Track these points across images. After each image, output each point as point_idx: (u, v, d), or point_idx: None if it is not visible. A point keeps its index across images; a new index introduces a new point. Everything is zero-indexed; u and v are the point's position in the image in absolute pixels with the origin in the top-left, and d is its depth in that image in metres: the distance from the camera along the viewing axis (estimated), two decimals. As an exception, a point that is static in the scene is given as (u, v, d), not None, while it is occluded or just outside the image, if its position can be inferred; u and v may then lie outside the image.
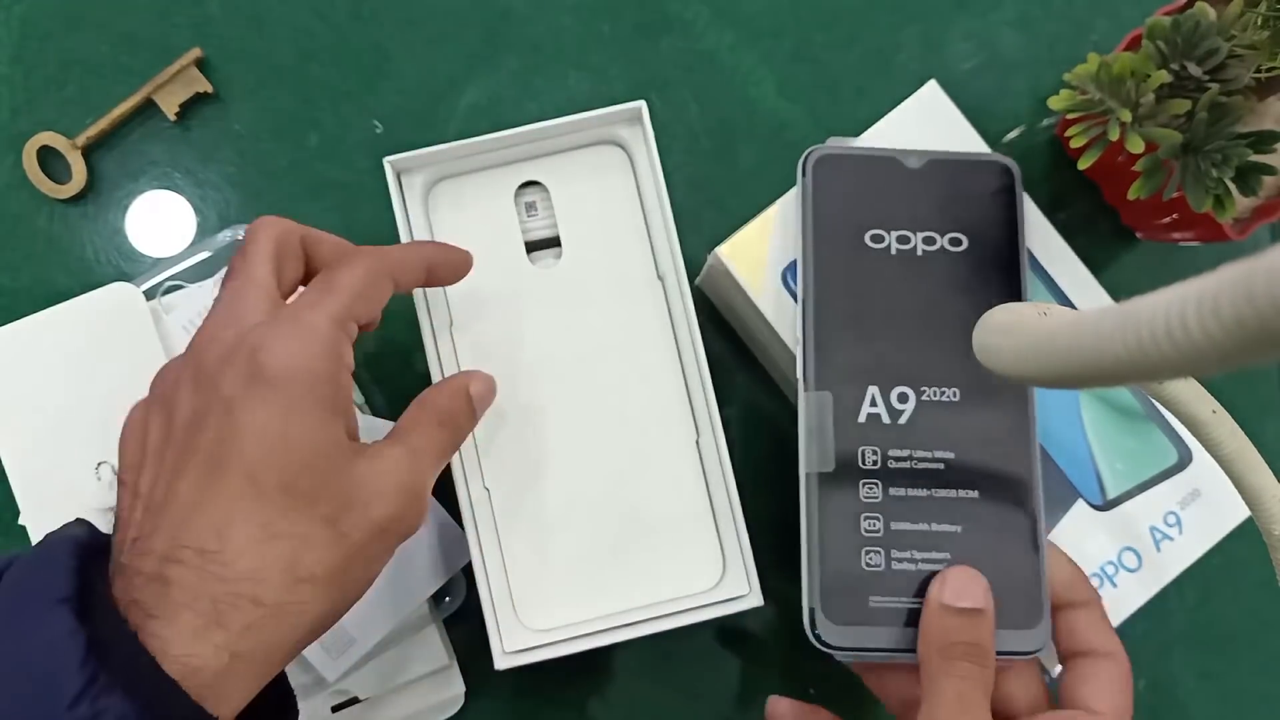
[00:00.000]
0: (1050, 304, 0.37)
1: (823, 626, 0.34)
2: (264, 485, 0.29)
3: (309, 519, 0.29)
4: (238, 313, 0.31)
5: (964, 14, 0.46)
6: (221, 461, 0.29)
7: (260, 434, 0.29)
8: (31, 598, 0.27)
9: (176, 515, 0.28)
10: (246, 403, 0.29)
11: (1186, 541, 0.40)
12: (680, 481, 0.38)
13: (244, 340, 0.30)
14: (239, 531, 0.28)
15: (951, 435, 0.36)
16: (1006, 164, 0.39)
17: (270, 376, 0.29)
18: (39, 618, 0.26)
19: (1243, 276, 0.17)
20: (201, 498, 0.29)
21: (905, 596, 0.35)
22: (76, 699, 0.25)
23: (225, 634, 0.27)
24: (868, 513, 0.36)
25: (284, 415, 0.29)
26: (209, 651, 0.27)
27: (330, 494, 0.30)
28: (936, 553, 0.35)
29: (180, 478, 0.29)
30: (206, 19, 0.45)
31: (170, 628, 0.27)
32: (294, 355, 0.30)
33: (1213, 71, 0.36)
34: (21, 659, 0.26)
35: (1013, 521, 0.36)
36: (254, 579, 0.28)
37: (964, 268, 0.38)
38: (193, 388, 0.30)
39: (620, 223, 0.39)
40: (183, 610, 0.27)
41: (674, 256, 0.38)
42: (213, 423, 0.29)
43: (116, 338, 0.41)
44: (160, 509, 0.29)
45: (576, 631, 0.36)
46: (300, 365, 0.30)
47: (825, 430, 0.36)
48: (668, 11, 0.46)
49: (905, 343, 0.37)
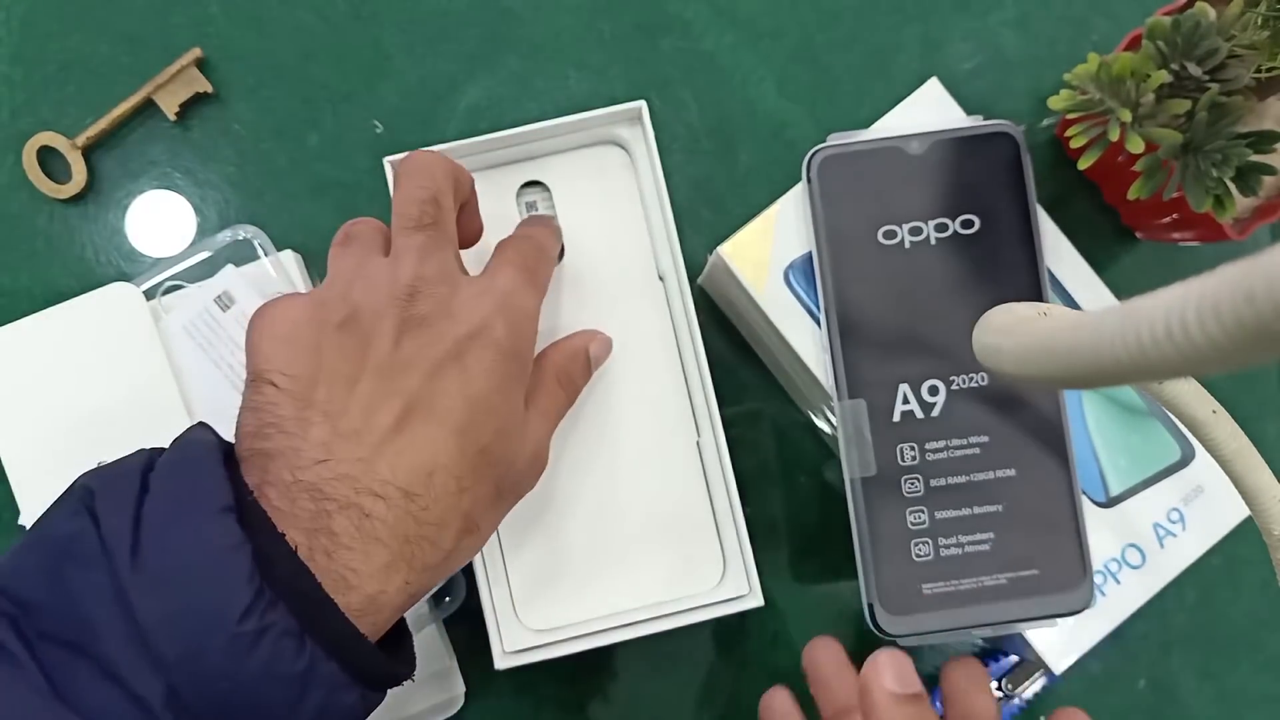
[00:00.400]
0: (1050, 304, 0.37)
1: (882, 618, 0.37)
2: (467, 444, 0.30)
3: (488, 479, 0.31)
4: (447, 269, 0.32)
5: (964, 14, 0.46)
6: (434, 411, 0.30)
7: (476, 397, 0.31)
8: (192, 505, 0.27)
9: (382, 449, 0.29)
10: (470, 365, 0.31)
11: (1190, 538, 0.40)
12: (680, 481, 0.38)
13: (470, 303, 0.32)
14: (440, 481, 0.29)
15: (984, 419, 0.38)
16: (1008, 131, 0.39)
17: (503, 349, 0.31)
18: (203, 527, 0.26)
19: (1242, 277, 0.17)
20: (409, 440, 0.29)
21: (954, 580, 0.37)
22: (245, 613, 0.25)
23: (411, 572, 0.29)
24: (912, 507, 0.37)
25: (502, 385, 0.31)
26: (395, 587, 0.28)
27: (505, 459, 0.32)
28: (980, 534, 0.37)
29: (380, 412, 0.29)
30: (207, 19, 0.45)
31: (366, 562, 0.28)
32: (519, 335, 0.32)
33: (1213, 71, 0.36)
34: (189, 568, 0.26)
35: (1050, 490, 0.37)
36: (440, 525, 0.29)
37: (979, 249, 0.38)
38: (400, 327, 0.30)
39: (621, 223, 0.39)
40: (379, 546, 0.28)
41: (674, 256, 0.38)
42: (428, 371, 0.30)
43: (116, 338, 0.41)
44: (355, 436, 0.29)
45: (576, 631, 0.36)
46: (521, 345, 0.32)
47: (863, 436, 0.37)
48: (668, 11, 0.46)
49: (930, 336, 0.38)
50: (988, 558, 0.37)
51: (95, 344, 0.41)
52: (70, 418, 0.40)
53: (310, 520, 0.27)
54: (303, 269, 0.43)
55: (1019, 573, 0.37)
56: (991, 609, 0.37)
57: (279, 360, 0.30)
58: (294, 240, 0.43)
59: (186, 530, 0.26)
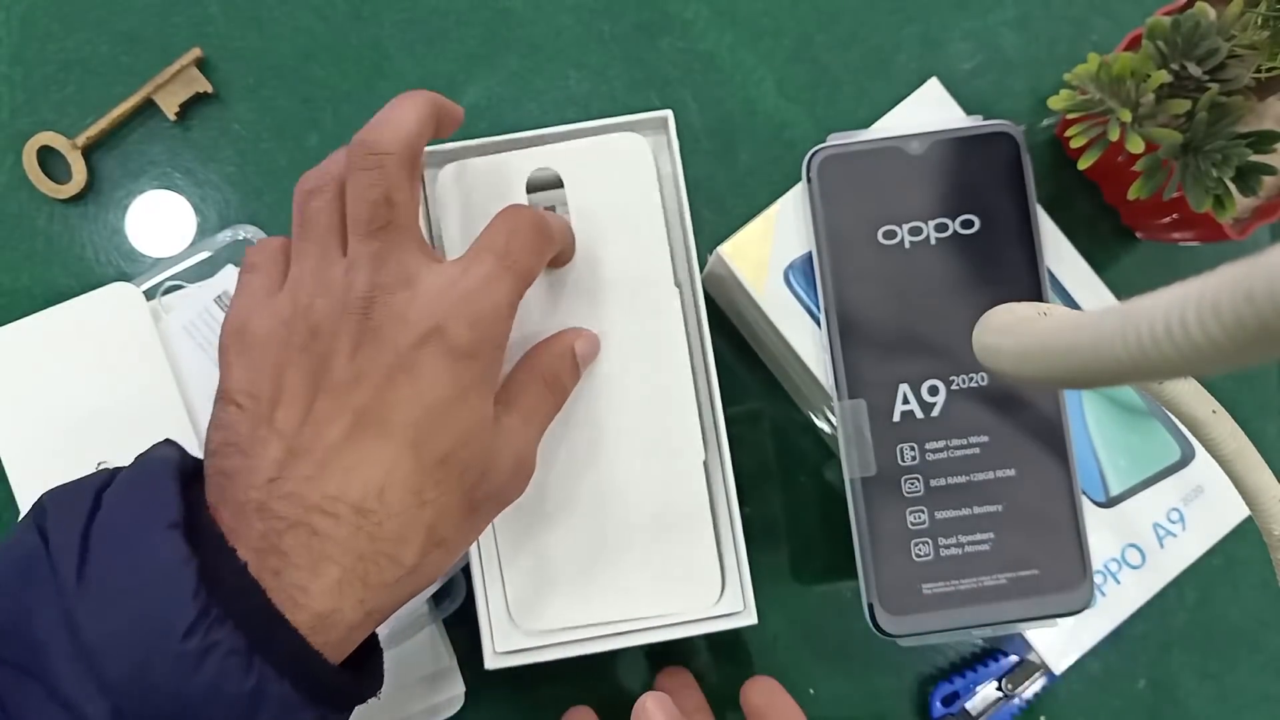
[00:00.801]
0: (1050, 304, 0.37)
1: (882, 618, 0.37)
2: (424, 455, 0.29)
3: (454, 489, 0.30)
4: (405, 270, 0.30)
5: (964, 14, 0.46)
6: (385, 424, 0.29)
7: (431, 405, 0.29)
8: (140, 520, 0.27)
9: (330, 466, 0.28)
10: (423, 373, 0.29)
11: (1190, 538, 0.40)
12: (682, 493, 0.38)
13: (426, 305, 0.30)
14: (395, 495, 0.28)
15: (984, 419, 0.38)
16: (1008, 131, 0.39)
17: (457, 351, 0.29)
18: (149, 542, 0.26)
19: (1242, 276, 0.17)
20: (359, 455, 0.28)
21: (954, 580, 0.37)
22: (189, 630, 0.25)
23: (366, 590, 0.28)
24: (912, 507, 0.37)
25: (459, 391, 0.30)
26: (349, 606, 0.28)
27: (475, 467, 0.30)
28: (980, 534, 0.37)
29: (331, 426, 0.29)
30: (207, 19, 0.45)
31: (315, 580, 0.27)
32: (480, 334, 0.30)
33: (1213, 71, 0.36)
34: (133, 585, 0.26)
35: (1050, 490, 0.37)
36: (399, 540, 0.28)
37: (978, 249, 0.38)
38: (355, 341, 0.29)
39: (633, 228, 0.38)
40: (328, 563, 0.27)
41: (690, 264, 0.38)
42: (379, 383, 0.29)
43: (116, 338, 0.41)
44: (306, 454, 0.28)
45: (569, 636, 0.36)
46: (484, 344, 0.30)
47: (863, 436, 0.37)
48: (667, 11, 0.46)
49: (930, 336, 0.38)
50: (988, 558, 0.37)
51: (95, 344, 0.41)
52: (70, 418, 0.40)
53: (260, 539, 0.27)
54: (303, 269, 0.43)
55: (1019, 573, 0.37)
56: (991, 609, 0.37)
57: (244, 382, 0.30)
58: (294, 240, 0.44)
59: (132, 546, 0.26)
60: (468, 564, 0.37)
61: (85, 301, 0.41)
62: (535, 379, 0.34)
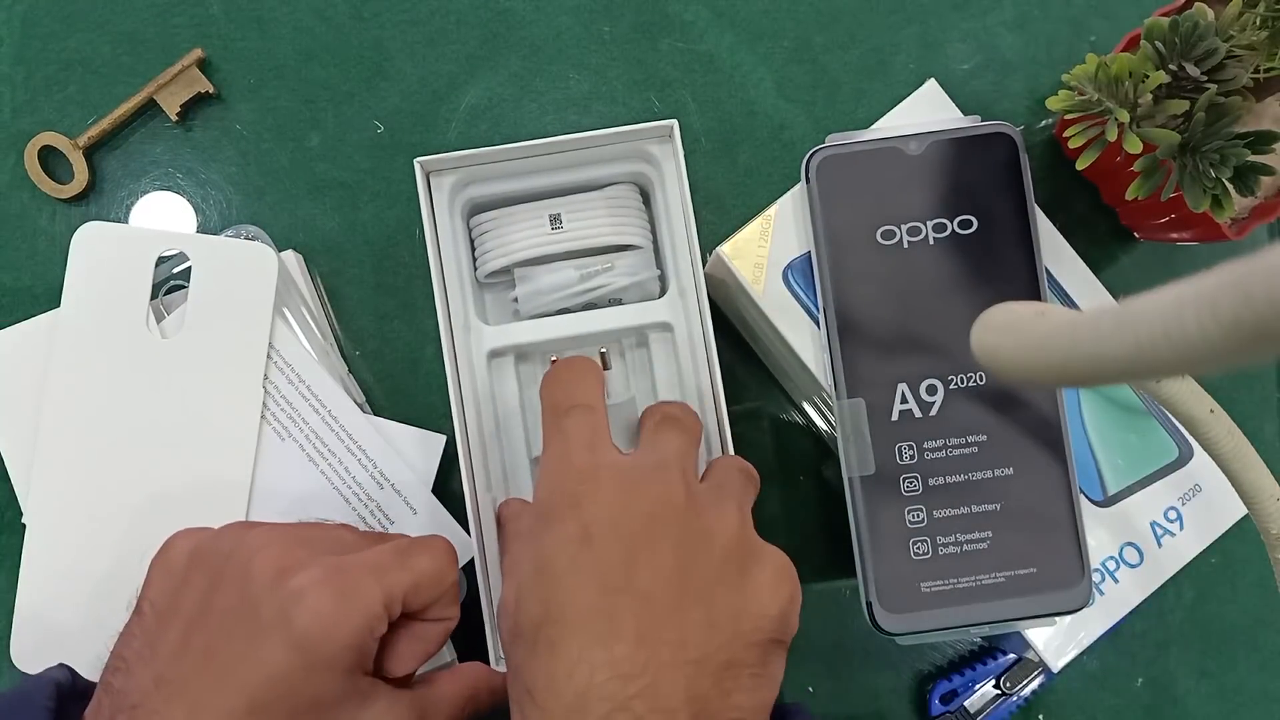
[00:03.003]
0: (1048, 304, 0.37)
1: (881, 617, 0.37)
2: None
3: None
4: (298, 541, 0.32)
5: (962, 15, 0.46)
6: (227, 682, 0.29)
7: (272, 678, 0.29)
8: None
9: (173, 703, 0.29)
10: (272, 646, 0.29)
11: (1187, 537, 0.40)
12: None
13: (287, 582, 0.30)
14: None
15: (982, 418, 0.38)
16: (1006, 131, 0.39)
17: (300, 636, 0.29)
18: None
19: (1240, 277, 0.17)
20: (205, 707, 0.29)
21: (953, 578, 0.37)
22: None
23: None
24: (910, 506, 0.37)
25: (304, 670, 0.29)
26: None
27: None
28: (979, 532, 0.37)
29: (185, 667, 0.29)
30: (208, 19, 0.45)
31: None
32: (333, 624, 0.29)
33: (1210, 72, 0.36)
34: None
35: (1048, 488, 0.38)
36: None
37: (977, 249, 0.38)
38: (224, 598, 0.30)
39: (241, 326, 0.40)
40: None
41: (695, 267, 0.38)
42: (232, 645, 0.29)
43: (117, 337, 0.41)
44: (167, 685, 0.29)
45: None
46: (334, 636, 0.29)
47: (862, 435, 0.38)
48: (667, 12, 0.46)
49: (928, 335, 0.38)
50: (986, 556, 0.37)
51: (97, 344, 0.41)
52: (73, 419, 0.40)
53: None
54: (304, 268, 0.43)
55: (1017, 571, 0.37)
56: (990, 607, 0.37)
57: (153, 589, 0.31)
58: (295, 240, 0.44)
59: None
60: (471, 562, 0.37)
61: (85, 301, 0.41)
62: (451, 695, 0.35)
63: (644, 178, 0.40)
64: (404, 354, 0.44)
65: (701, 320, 0.38)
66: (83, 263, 0.40)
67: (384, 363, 0.44)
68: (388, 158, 0.44)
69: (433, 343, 0.41)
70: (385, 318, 0.44)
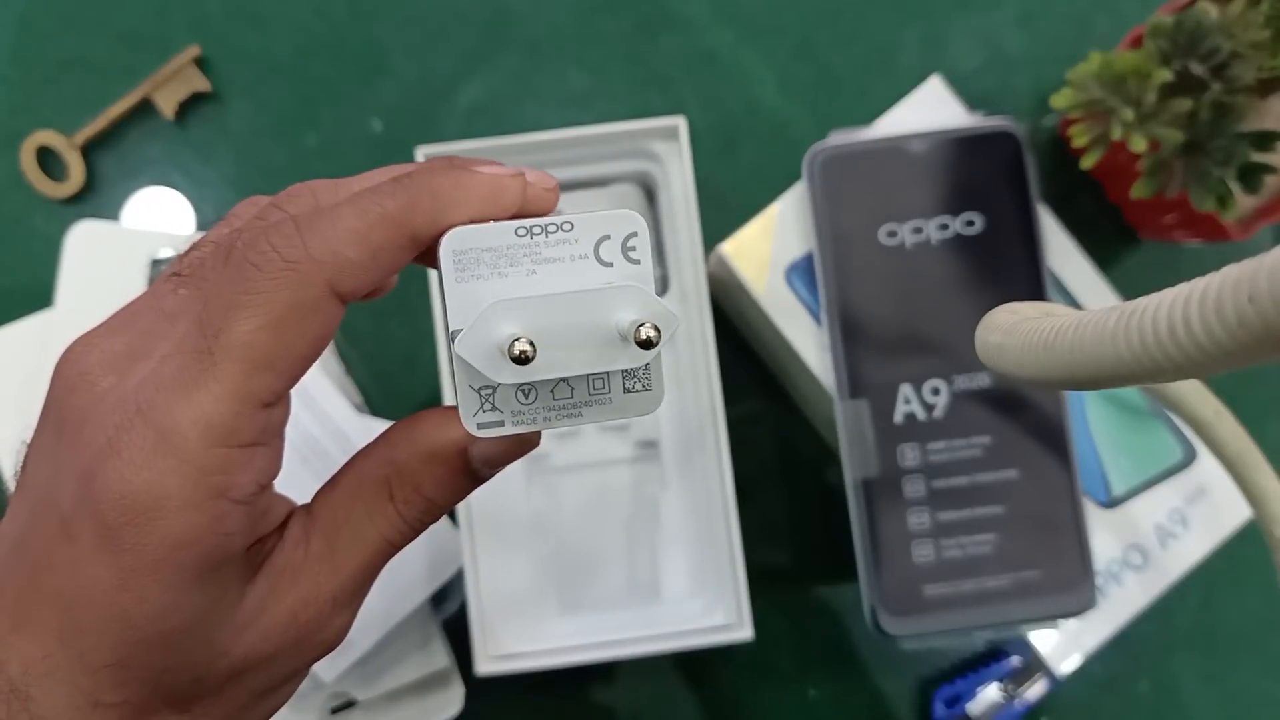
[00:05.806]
0: (1053, 304, 0.37)
1: (884, 620, 0.37)
2: (91, 660, 0.21)
3: (151, 693, 0.22)
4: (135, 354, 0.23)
5: (966, 12, 0.46)
6: (41, 608, 0.21)
7: (90, 601, 0.21)
8: None
9: None
10: (83, 555, 0.21)
11: (1192, 539, 0.40)
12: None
13: (87, 465, 0.21)
14: (58, 694, 0.21)
15: (987, 419, 0.38)
16: (1010, 129, 0.38)
17: (108, 532, 0.20)
18: None
19: (1246, 276, 0.17)
20: (20, 629, 0.21)
21: (956, 582, 0.37)
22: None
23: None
24: (914, 508, 0.37)
25: (120, 583, 0.20)
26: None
27: (188, 667, 0.22)
28: (982, 535, 0.37)
29: None
30: (205, 17, 0.45)
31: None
32: (142, 506, 0.20)
33: (1215, 70, 0.35)
34: None
35: (1053, 491, 0.37)
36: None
37: (980, 249, 0.38)
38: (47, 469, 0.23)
39: None
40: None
41: (698, 267, 0.38)
42: (51, 556, 0.21)
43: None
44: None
45: (563, 644, 0.36)
46: (152, 523, 0.20)
47: (865, 437, 0.37)
48: (668, 9, 0.46)
49: (931, 336, 0.38)
50: (990, 559, 0.37)
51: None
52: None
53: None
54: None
55: (1021, 574, 0.37)
56: (993, 610, 0.37)
57: None
58: (292, 239, 0.43)
59: None
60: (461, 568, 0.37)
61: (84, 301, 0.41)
62: (368, 492, 0.25)
63: (647, 176, 0.40)
64: (401, 354, 0.43)
65: (703, 320, 0.38)
66: (76, 262, 0.40)
67: (381, 363, 0.43)
68: (386, 156, 0.44)
69: (430, 343, 0.41)
70: (383, 317, 0.44)
